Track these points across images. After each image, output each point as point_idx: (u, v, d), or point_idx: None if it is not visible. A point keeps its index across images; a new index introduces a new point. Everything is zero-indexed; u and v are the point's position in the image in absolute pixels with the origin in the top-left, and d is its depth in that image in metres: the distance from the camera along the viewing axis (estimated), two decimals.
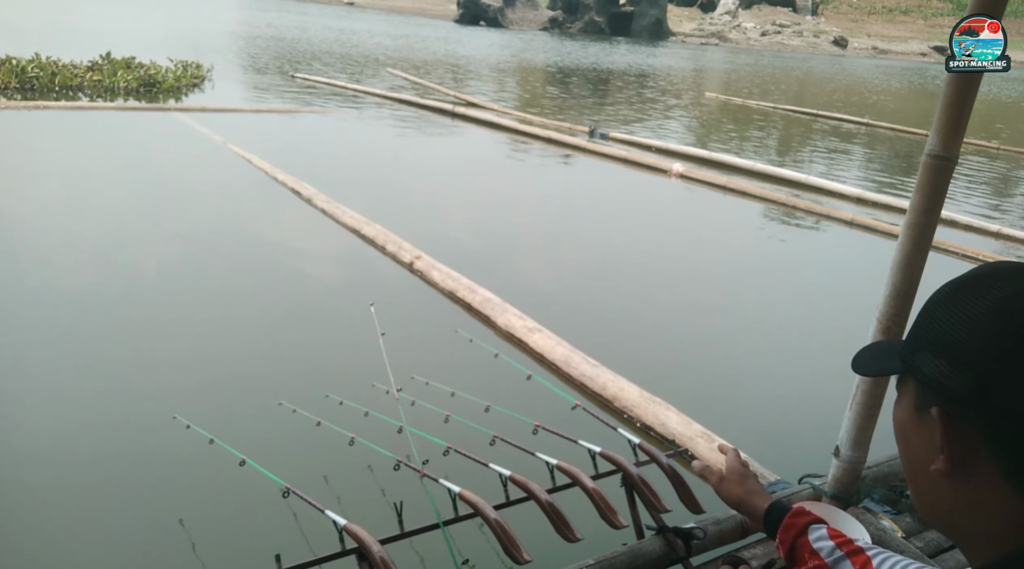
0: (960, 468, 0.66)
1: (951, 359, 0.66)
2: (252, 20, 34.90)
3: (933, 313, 0.70)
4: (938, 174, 2.18)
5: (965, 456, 0.66)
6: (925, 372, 0.69)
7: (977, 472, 0.65)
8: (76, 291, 4.86)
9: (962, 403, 0.65)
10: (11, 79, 11.82)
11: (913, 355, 0.71)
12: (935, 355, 0.68)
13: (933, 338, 0.69)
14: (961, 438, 0.66)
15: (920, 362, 0.70)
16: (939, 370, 0.67)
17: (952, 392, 0.66)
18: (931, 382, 0.68)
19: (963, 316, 0.66)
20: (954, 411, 0.66)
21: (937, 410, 0.67)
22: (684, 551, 2.23)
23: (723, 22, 59.53)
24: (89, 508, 2.94)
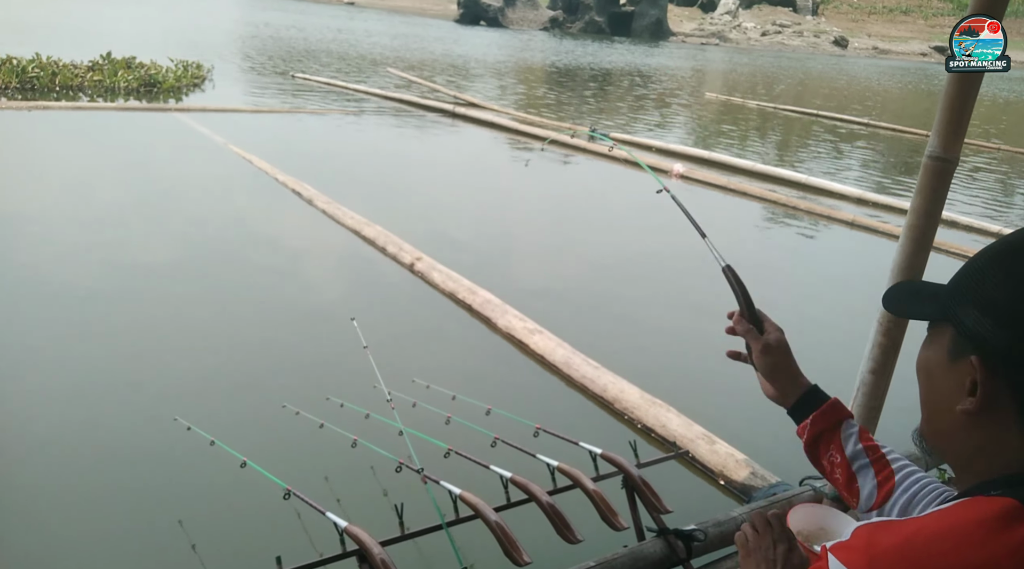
0: (984, 411, 0.76)
1: (996, 318, 0.74)
2: (251, 19, 34.90)
3: (983, 273, 0.77)
4: (939, 176, 2.18)
5: (990, 402, 0.75)
6: (968, 325, 0.76)
7: (997, 416, 0.75)
8: (76, 291, 4.86)
9: (999, 356, 0.74)
10: (11, 79, 11.82)
11: (958, 308, 0.78)
12: (982, 312, 0.75)
13: (981, 297, 0.76)
14: (995, 386, 0.75)
15: (964, 316, 0.77)
16: (983, 326, 0.75)
17: (992, 347, 0.74)
18: (973, 335, 0.76)
19: (1011, 279, 0.74)
20: (990, 363, 0.74)
21: (977, 359, 0.75)
22: (685, 553, 2.23)
23: (723, 22, 59.53)
24: (89, 509, 2.94)
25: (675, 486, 3.21)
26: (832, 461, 1.16)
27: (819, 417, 1.17)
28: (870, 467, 1.14)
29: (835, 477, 1.17)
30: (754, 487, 3.16)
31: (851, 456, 1.15)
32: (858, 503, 1.15)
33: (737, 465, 3.29)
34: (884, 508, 1.12)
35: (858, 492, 1.14)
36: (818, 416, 1.17)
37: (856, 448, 1.15)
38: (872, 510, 1.13)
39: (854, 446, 1.15)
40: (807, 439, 1.18)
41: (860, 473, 1.14)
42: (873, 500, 1.13)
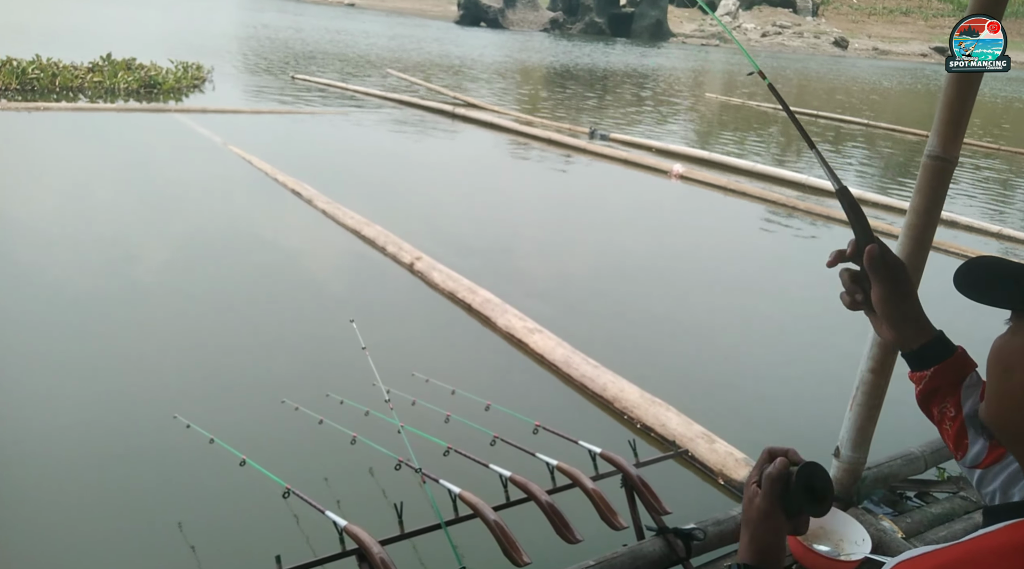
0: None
1: None
2: (251, 21, 34.92)
3: None
4: (938, 175, 2.18)
5: None
6: None
7: None
8: (76, 291, 4.86)
9: None
10: (11, 80, 11.82)
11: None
12: None
13: None
14: None
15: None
16: None
17: None
18: None
19: None
20: None
21: None
22: (684, 552, 2.23)
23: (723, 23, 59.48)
24: (88, 508, 2.94)
25: (674, 485, 3.21)
26: (945, 413, 1.08)
27: (942, 370, 1.07)
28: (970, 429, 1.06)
29: (944, 427, 1.09)
30: None
31: (969, 413, 1.06)
32: (963, 457, 1.07)
33: (736, 464, 3.29)
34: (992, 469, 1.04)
35: (967, 447, 1.06)
36: (941, 369, 1.07)
37: (976, 406, 1.04)
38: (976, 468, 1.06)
39: (973, 404, 1.06)
40: (923, 389, 1.09)
41: (973, 431, 1.06)
42: (981, 459, 1.05)
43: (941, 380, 1.07)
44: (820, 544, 2.23)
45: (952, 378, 1.07)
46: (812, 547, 2.19)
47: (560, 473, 2.29)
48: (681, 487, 3.29)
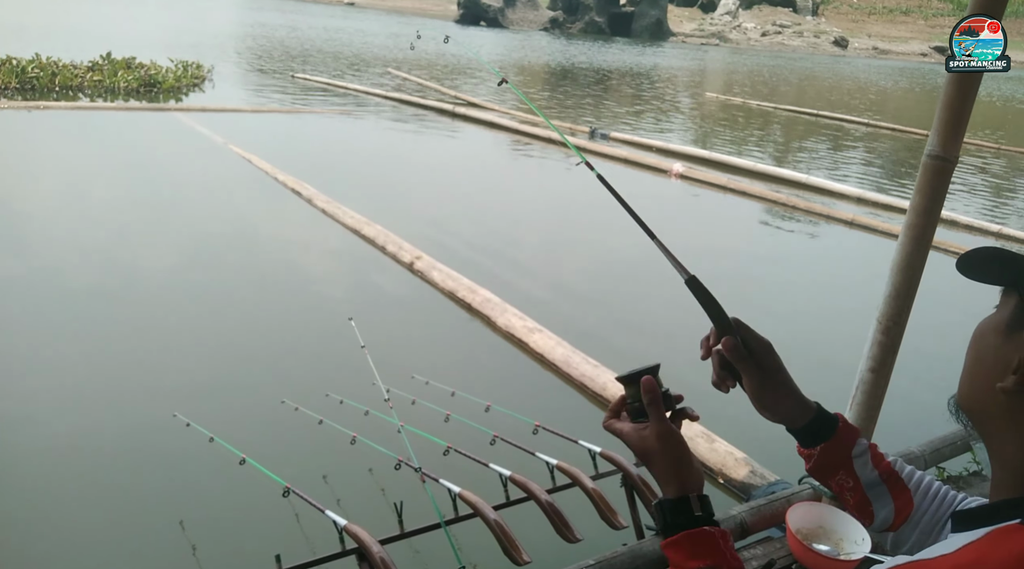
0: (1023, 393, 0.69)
1: None
2: (250, 20, 34.91)
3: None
4: (938, 175, 2.18)
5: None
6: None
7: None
8: (76, 290, 4.86)
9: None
10: (11, 79, 11.82)
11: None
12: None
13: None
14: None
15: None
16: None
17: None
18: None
19: None
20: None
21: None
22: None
23: (723, 22, 59.53)
24: (88, 506, 2.94)
25: None
26: (843, 485, 1.08)
27: (829, 447, 1.07)
28: (887, 492, 1.06)
29: (846, 498, 1.09)
30: (753, 485, 3.17)
31: (867, 484, 1.07)
32: (872, 524, 1.08)
33: (736, 463, 3.29)
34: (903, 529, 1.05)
35: (872, 515, 1.07)
36: (828, 447, 1.07)
37: (871, 475, 1.06)
38: (888, 530, 1.07)
39: (869, 473, 1.06)
40: (813, 466, 1.09)
41: (876, 499, 1.07)
42: (890, 523, 1.06)
43: (830, 456, 1.07)
44: (820, 543, 2.23)
45: (841, 451, 1.07)
46: (812, 546, 2.19)
47: (560, 472, 2.29)
48: None
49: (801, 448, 1.10)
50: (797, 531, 2.21)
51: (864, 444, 1.08)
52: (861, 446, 1.08)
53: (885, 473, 1.07)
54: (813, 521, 2.28)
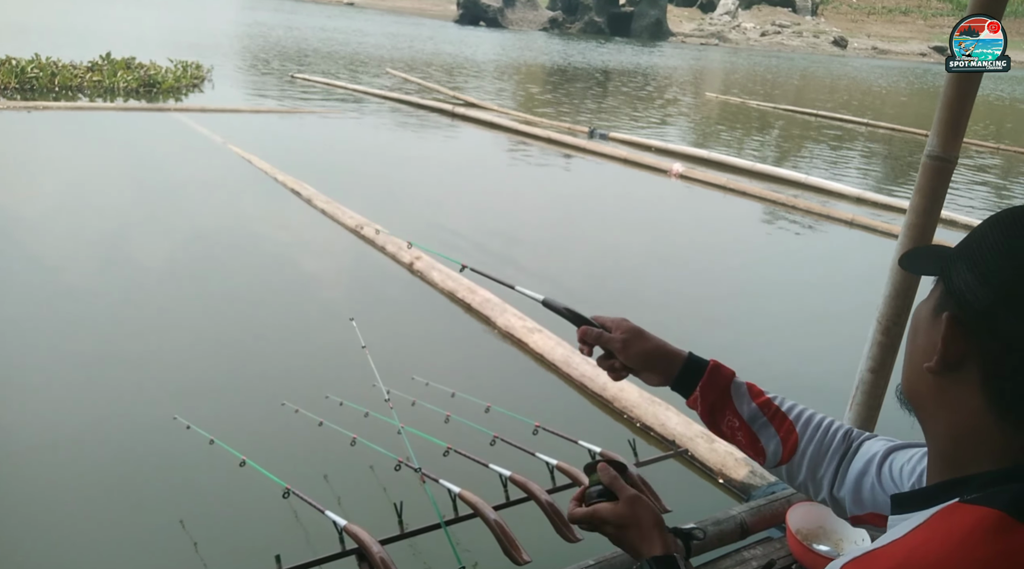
0: (948, 373, 0.74)
1: (979, 276, 0.71)
2: (249, 20, 34.90)
3: (985, 231, 0.74)
4: (938, 175, 2.18)
5: (956, 364, 0.73)
6: (953, 279, 0.74)
7: (961, 381, 0.73)
8: (76, 291, 4.86)
9: (972, 317, 0.71)
10: (11, 79, 11.81)
11: (952, 262, 0.76)
12: (968, 268, 0.73)
13: (974, 253, 0.73)
14: (959, 347, 0.72)
15: (954, 270, 0.75)
16: (966, 282, 0.72)
17: (969, 305, 0.71)
18: (954, 290, 0.74)
19: (1007, 243, 0.71)
20: (963, 323, 0.72)
21: (948, 315, 0.73)
22: (684, 551, 2.22)
23: (723, 22, 59.54)
24: (89, 508, 2.94)
25: (674, 485, 3.21)
26: (731, 426, 1.14)
27: (707, 386, 1.14)
28: (769, 425, 1.13)
29: (738, 440, 1.15)
30: (753, 485, 3.17)
31: (748, 418, 1.13)
32: (765, 461, 1.14)
33: (736, 463, 3.29)
34: (792, 461, 1.11)
35: (763, 450, 1.13)
36: (705, 386, 1.14)
37: (751, 409, 1.13)
38: (780, 465, 1.13)
39: (749, 407, 1.13)
40: (702, 410, 1.16)
41: (761, 433, 1.13)
42: (779, 457, 1.12)
43: (710, 394, 1.14)
44: (820, 544, 2.23)
45: (718, 388, 1.14)
46: (812, 547, 2.19)
47: (560, 473, 2.29)
48: (681, 486, 3.30)
49: (688, 401, 1.17)
50: (797, 531, 2.21)
51: (741, 382, 1.15)
52: (738, 383, 1.15)
53: (763, 405, 1.13)
54: (813, 521, 2.28)
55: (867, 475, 1.05)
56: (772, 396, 1.15)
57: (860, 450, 1.09)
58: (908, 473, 1.00)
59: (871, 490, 1.05)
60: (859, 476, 1.06)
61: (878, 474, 1.04)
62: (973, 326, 0.71)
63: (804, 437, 1.11)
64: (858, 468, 1.07)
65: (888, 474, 1.03)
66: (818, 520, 2.28)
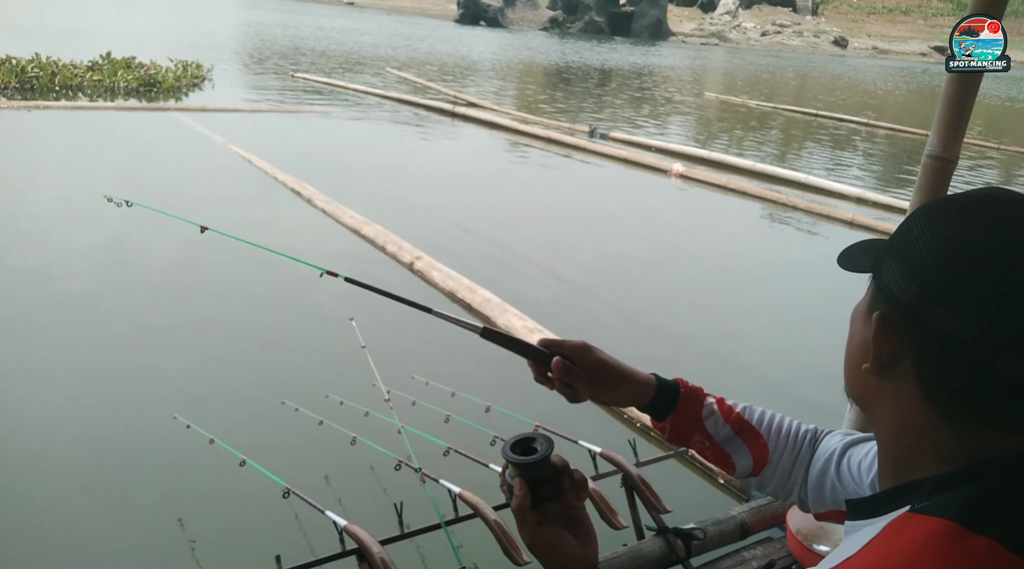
0: (884, 373, 0.71)
1: (906, 270, 0.68)
2: (249, 20, 34.90)
3: (911, 223, 0.71)
4: (938, 175, 2.18)
5: (890, 363, 0.70)
6: (883, 276, 0.71)
7: (898, 380, 0.69)
8: (76, 291, 4.86)
9: (902, 314, 0.68)
10: (11, 79, 11.81)
11: (883, 258, 0.73)
12: (897, 263, 0.70)
13: (901, 247, 0.70)
14: (892, 346, 0.69)
15: (884, 266, 0.72)
16: (893, 277, 0.69)
17: (897, 301, 0.68)
18: (883, 286, 0.71)
19: (930, 234, 0.68)
20: (894, 320, 0.69)
21: (878, 314, 0.70)
22: (684, 552, 2.22)
23: (723, 22, 59.54)
24: (88, 508, 2.94)
25: (674, 485, 3.21)
26: (701, 446, 1.13)
27: (677, 419, 1.11)
28: (742, 444, 1.11)
29: (706, 456, 1.14)
30: None
31: (721, 439, 1.11)
32: (735, 473, 1.13)
33: None
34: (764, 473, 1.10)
35: (733, 466, 1.11)
36: (676, 418, 1.11)
37: (724, 431, 1.11)
38: (751, 477, 1.12)
39: (721, 428, 1.11)
40: (670, 437, 1.13)
41: (734, 452, 1.11)
42: (750, 470, 1.11)
43: (681, 425, 1.11)
44: (820, 544, 2.23)
45: (691, 416, 1.11)
46: (812, 547, 2.19)
47: None
48: (681, 486, 3.30)
49: (654, 422, 1.15)
50: (797, 532, 2.21)
51: (711, 403, 1.12)
52: (708, 407, 1.12)
53: (736, 425, 1.11)
54: (813, 522, 2.28)
55: (827, 474, 1.04)
56: (741, 410, 1.13)
57: (819, 448, 1.07)
58: (867, 468, 0.98)
59: (832, 489, 1.03)
60: (820, 475, 1.05)
61: (837, 470, 1.02)
62: (904, 324, 0.68)
63: (775, 450, 1.10)
64: (818, 467, 1.05)
65: (847, 470, 1.01)
66: (818, 521, 2.28)
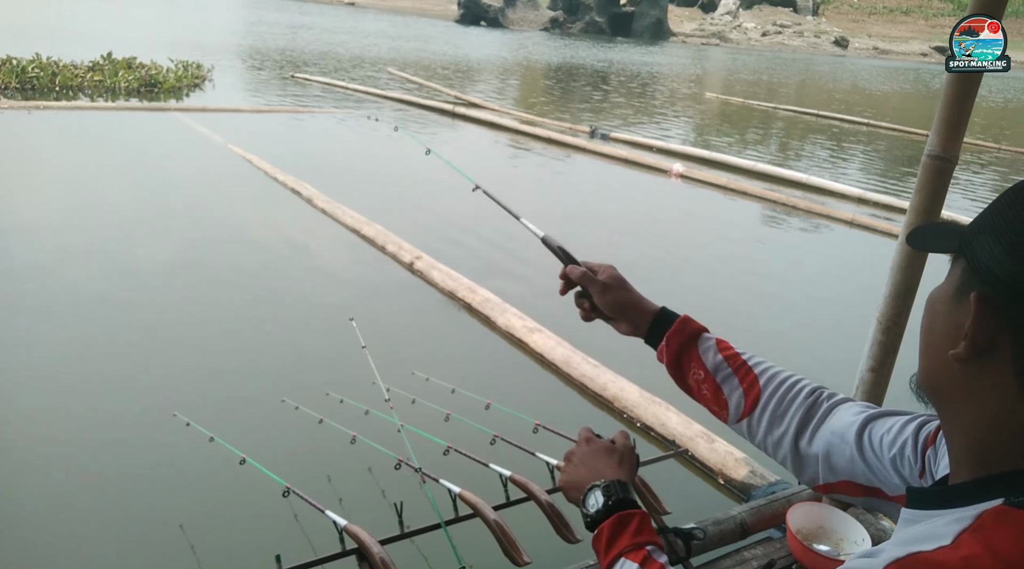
0: (977, 359, 0.67)
1: (1007, 246, 0.65)
2: (249, 19, 34.90)
3: (1007, 202, 0.68)
4: (938, 175, 2.18)
5: (986, 348, 0.66)
6: (978, 254, 0.68)
7: (992, 367, 0.66)
8: (76, 290, 4.86)
9: (1003, 293, 0.65)
10: (11, 79, 11.82)
11: (973, 237, 0.70)
12: (994, 241, 0.67)
13: (997, 224, 0.68)
14: (989, 329, 0.66)
15: (977, 244, 0.69)
16: (992, 255, 0.66)
17: (997, 280, 0.65)
18: (979, 265, 0.67)
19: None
20: (991, 301, 0.65)
21: (976, 294, 0.66)
22: (684, 552, 2.22)
23: (724, 22, 59.53)
24: (87, 506, 2.94)
25: (674, 485, 3.22)
26: (697, 378, 1.14)
27: (673, 335, 1.15)
28: (733, 376, 1.12)
29: (703, 394, 1.15)
30: (753, 485, 3.16)
31: (713, 368, 1.13)
32: (728, 415, 1.13)
33: (736, 463, 3.29)
34: (753, 415, 1.10)
35: (726, 402, 1.12)
36: (672, 334, 1.15)
37: (716, 359, 1.13)
38: (742, 419, 1.11)
39: (714, 358, 1.13)
40: (668, 361, 1.16)
41: (724, 384, 1.12)
42: (741, 410, 1.11)
43: (677, 344, 1.15)
44: (820, 544, 2.23)
45: (685, 338, 1.15)
46: (812, 547, 2.19)
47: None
48: (681, 487, 3.30)
49: (657, 353, 1.19)
50: (797, 531, 2.21)
51: (710, 337, 1.16)
52: (707, 338, 1.16)
53: (730, 358, 1.13)
54: (813, 521, 2.28)
55: (844, 444, 1.02)
56: (741, 351, 1.14)
57: (834, 414, 1.06)
58: (888, 444, 0.96)
59: (849, 461, 1.01)
60: (835, 442, 1.03)
61: (858, 444, 1.00)
62: (1004, 304, 0.65)
63: (767, 391, 1.10)
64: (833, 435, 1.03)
65: (868, 445, 0.99)
66: (818, 520, 2.28)
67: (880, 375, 2.46)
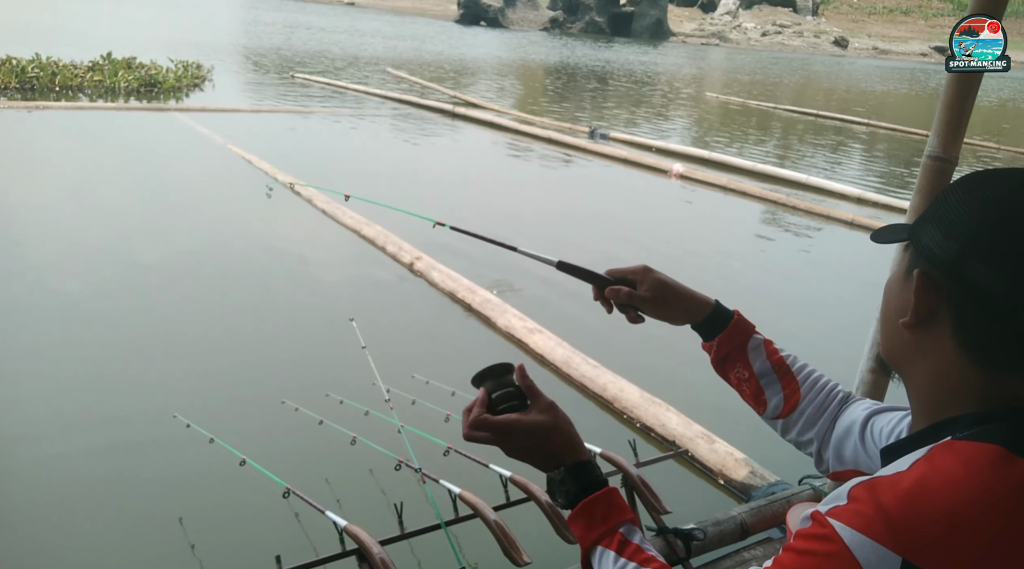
0: (922, 326, 0.79)
1: (945, 230, 0.76)
2: (249, 19, 34.90)
3: (947, 194, 0.79)
4: (938, 175, 2.18)
5: (929, 316, 0.78)
6: (921, 239, 0.79)
7: (934, 332, 0.78)
8: (76, 290, 4.86)
9: (941, 270, 0.76)
10: (11, 79, 11.81)
11: (918, 226, 0.81)
12: (934, 226, 0.78)
13: (938, 212, 0.79)
14: (930, 300, 0.77)
15: (921, 231, 0.80)
16: (932, 238, 0.77)
17: (937, 259, 0.76)
18: (922, 248, 0.79)
19: (968, 198, 0.76)
20: (933, 276, 0.77)
21: (918, 271, 0.78)
22: (684, 552, 2.23)
23: (723, 22, 59.53)
24: (87, 507, 2.94)
25: (674, 485, 3.21)
26: (740, 376, 1.21)
27: (725, 339, 1.21)
28: (777, 382, 1.19)
29: (743, 390, 1.22)
30: (753, 486, 3.16)
31: (759, 372, 1.19)
32: (764, 412, 1.20)
33: (736, 464, 3.29)
34: (791, 417, 1.18)
35: (766, 403, 1.19)
36: (724, 338, 1.21)
37: (764, 365, 1.19)
38: (778, 419, 1.19)
39: (762, 363, 1.20)
40: (715, 358, 1.23)
41: (768, 387, 1.19)
42: (780, 410, 1.18)
43: (728, 346, 1.21)
44: None
45: (737, 341, 1.21)
46: None
47: None
48: (681, 487, 3.29)
49: (703, 343, 1.25)
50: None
51: (759, 339, 1.22)
52: (756, 340, 1.22)
53: (776, 363, 1.20)
54: None
55: (850, 436, 1.11)
56: (786, 355, 1.21)
57: (845, 412, 1.15)
58: (887, 434, 1.04)
59: (853, 451, 1.10)
60: (844, 436, 1.12)
61: (861, 437, 1.09)
62: (942, 279, 0.76)
63: (806, 398, 1.18)
64: (843, 428, 1.12)
65: (870, 436, 1.08)
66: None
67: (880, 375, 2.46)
